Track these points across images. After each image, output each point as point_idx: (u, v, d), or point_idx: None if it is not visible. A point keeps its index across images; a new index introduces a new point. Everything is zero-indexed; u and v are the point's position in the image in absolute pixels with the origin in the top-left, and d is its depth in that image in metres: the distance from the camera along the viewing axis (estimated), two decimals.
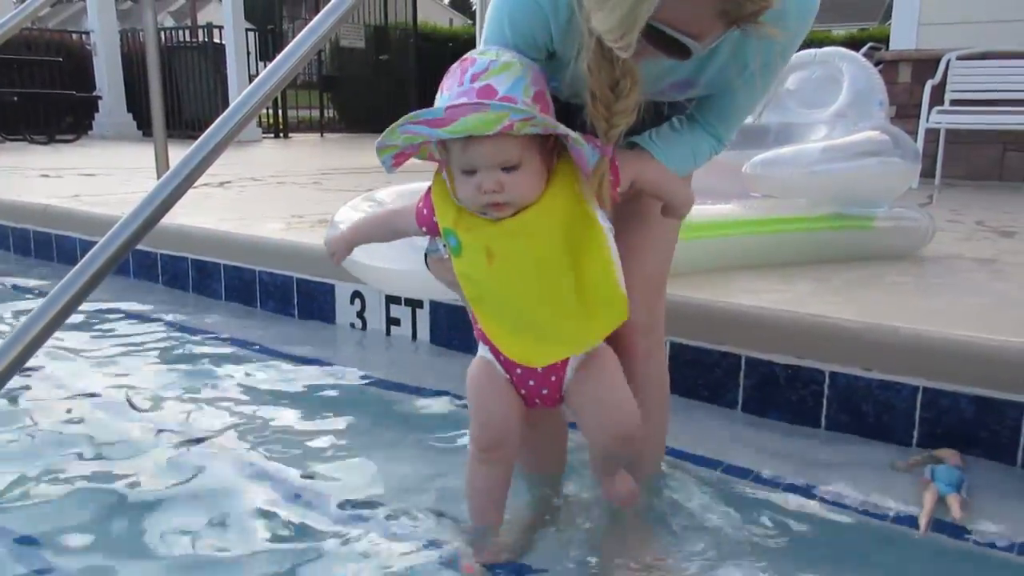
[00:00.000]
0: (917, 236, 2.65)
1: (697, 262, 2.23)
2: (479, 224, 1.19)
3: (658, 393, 1.50)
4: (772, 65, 1.24)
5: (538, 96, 1.15)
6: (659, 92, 1.27)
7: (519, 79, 1.13)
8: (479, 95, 1.11)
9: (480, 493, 1.35)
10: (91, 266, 1.55)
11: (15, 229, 3.95)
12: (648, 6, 0.95)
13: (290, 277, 2.80)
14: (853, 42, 8.57)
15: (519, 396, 1.30)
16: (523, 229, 1.17)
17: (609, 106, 1.14)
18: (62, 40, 11.41)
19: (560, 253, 1.19)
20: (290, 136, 11.27)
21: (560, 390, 1.28)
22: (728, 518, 1.47)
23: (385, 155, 1.21)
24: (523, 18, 1.17)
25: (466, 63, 1.16)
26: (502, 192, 1.14)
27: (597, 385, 1.27)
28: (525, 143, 1.13)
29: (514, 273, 1.20)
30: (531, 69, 1.17)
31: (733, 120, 1.35)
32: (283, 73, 1.88)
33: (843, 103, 2.87)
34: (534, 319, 1.22)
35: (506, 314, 1.23)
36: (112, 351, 2.42)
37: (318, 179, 5.25)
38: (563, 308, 1.21)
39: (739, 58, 1.19)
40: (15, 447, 1.75)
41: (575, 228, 1.19)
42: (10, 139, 9.31)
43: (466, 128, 1.09)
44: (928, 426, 1.73)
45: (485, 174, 1.13)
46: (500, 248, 1.18)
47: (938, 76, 5.12)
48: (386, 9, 12.31)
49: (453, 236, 1.22)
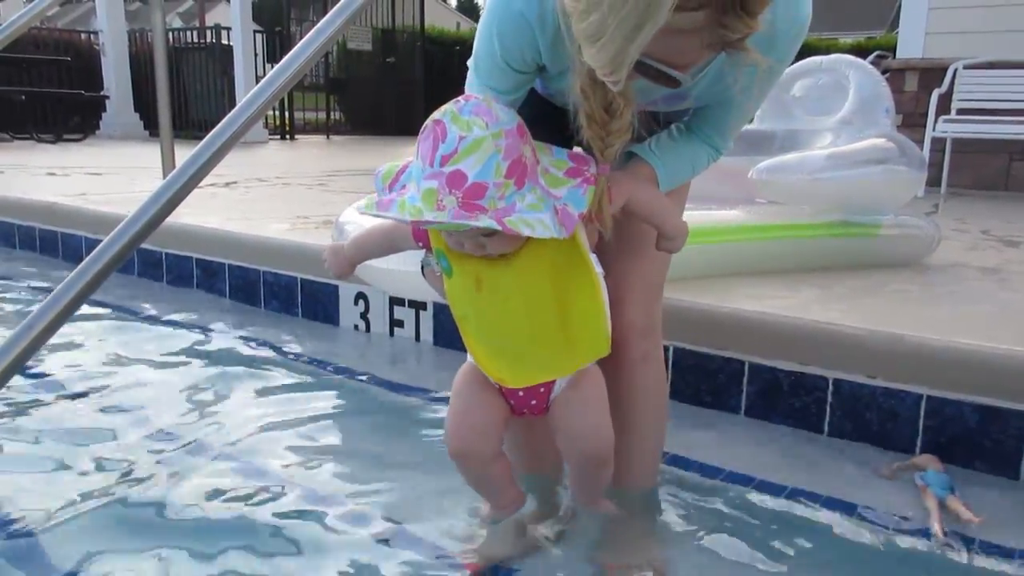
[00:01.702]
0: (922, 244, 2.65)
1: (701, 267, 2.23)
2: (469, 257, 1.20)
3: (655, 397, 1.49)
4: (762, 80, 1.24)
5: (512, 167, 1.09)
6: (652, 103, 1.28)
7: (490, 158, 1.07)
8: (448, 182, 1.07)
9: (476, 484, 1.37)
10: (96, 263, 1.55)
11: (21, 226, 3.96)
12: (637, 46, 0.95)
13: (294, 278, 2.81)
14: (860, 50, 8.57)
15: (506, 404, 1.30)
16: (512, 266, 1.19)
17: (604, 126, 1.14)
18: (71, 39, 11.45)
19: (548, 291, 1.20)
20: (296, 138, 11.29)
21: (547, 402, 1.29)
22: (728, 524, 1.47)
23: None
24: (511, 33, 1.18)
25: (438, 131, 1.09)
26: (485, 248, 1.16)
27: (577, 406, 1.28)
28: None
29: (500, 305, 1.21)
30: (504, 138, 1.10)
31: (728, 131, 1.35)
32: (290, 74, 1.89)
33: (849, 110, 2.87)
34: (515, 347, 1.24)
35: (487, 337, 1.26)
36: (114, 349, 2.42)
37: (323, 180, 5.26)
38: (546, 341, 1.23)
39: (727, 75, 1.20)
40: (16, 444, 1.75)
41: (565, 267, 1.20)
42: (17, 138, 9.35)
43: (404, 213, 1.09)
44: (932, 435, 1.73)
45: (466, 244, 1.16)
46: (488, 280, 1.20)
47: (945, 85, 5.12)
48: (394, 12, 12.35)
49: (444, 259, 1.23)
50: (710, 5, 0.93)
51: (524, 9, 1.14)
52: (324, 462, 1.71)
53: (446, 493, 1.52)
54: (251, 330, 2.62)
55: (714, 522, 1.47)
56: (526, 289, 1.20)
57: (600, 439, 1.29)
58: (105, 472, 1.63)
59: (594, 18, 0.95)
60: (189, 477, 1.61)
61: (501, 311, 1.22)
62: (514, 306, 1.21)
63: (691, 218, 1.51)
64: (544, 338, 1.23)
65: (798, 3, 1.16)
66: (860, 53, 5.18)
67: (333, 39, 2.00)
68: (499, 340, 1.25)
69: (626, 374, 1.40)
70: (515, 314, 1.21)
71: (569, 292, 1.21)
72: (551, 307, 1.21)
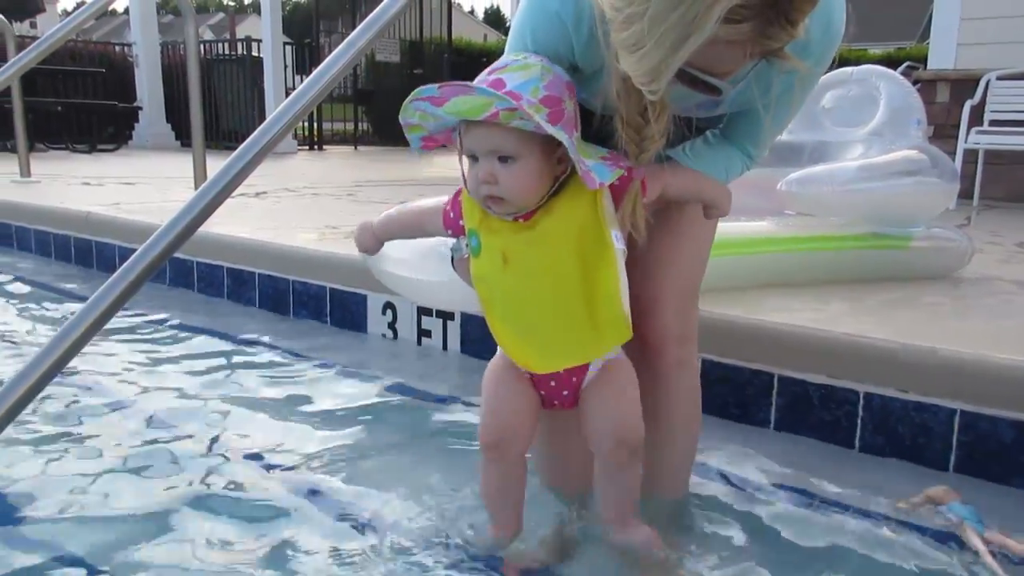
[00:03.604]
0: (955, 257, 2.61)
1: (730, 279, 2.21)
2: (500, 229, 1.22)
3: (689, 405, 1.48)
4: (798, 88, 1.23)
5: (549, 100, 1.14)
6: (686, 110, 1.28)
7: (532, 79, 1.14)
8: (487, 85, 1.13)
9: (492, 495, 1.36)
10: (131, 272, 1.58)
11: (57, 235, 4.03)
12: (679, 59, 0.95)
13: (323, 287, 2.83)
14: (890, 61, 8.50)
15: (537, 395, 1.30)
16: (539, 238, 1.20)
17: (639, 130, 1.15)
18: (105, 52, 11.66)
19: (573, 265, 1.20)
20: (324, 148, 11.40)
21: (578, 393, 1.28)
22: (757, 537, 1.46)
23: (412, 135, 1.24)
24: (544, 32, 1.19)
25: (497, 61, 1.20)
26: (495, 184, 1.16)
27: (609, 394, 1.27)
28: (523, 138, 1.15)
29: (526, 279, 1.21)
30: (553, 74, 1.17)
31: (763, 139, 1.35)
32: (320, 87, 1.90)
33: (880, 122, 2.84)
34: (541, 326, 1.24)
35: (514, 318, 1.25)
36: (146, 356, 2.46)
37: (352, 191, 5.30)
38: (571, 319, 1.22)
39: (762, 81, 1.19)
40: (50, 449, 1.78)
41: (590, 243, 1.20)
42: (53, 148, 9.52)
43: (457, 110, 1.13)
44: (966, 450, 1.70)
45: (482, 162, 1.17)
46: (515, 254, 1.21)
47: (977, 96, 5.06)
48: (421, 24, 12.43)
49: (476, 237, 1.25)
50: (756, 17, 0.93)
51: (560, 9, 1.15)
52: (348, 467, 1.72)
53: (470, 501, 1.52)
54: (280, 338, 2.64)
55: (742, 535, 1.46)
56: (552, 265, 1.20)
57: (629, 427, 1.27)
58: (134, 477, 1.65)
59: (635, 29, 0.95)
60: (214, 481, 1.63)
61: (527, 288, 1.22)
62: (540, 283, 1.21)
63: (720, 230, 1.51)
64: (569, 317, 1.22)
65: (830, 9, 1.15)
66: (890, 64, 5.13)
67: (362, 52, 2.02)
68: (525, 321, 1.24)
69: (662, 380, 1.40)
70: (541, 291, 1.21)
71: (595, 270, 1.20)
72: (577, 285, 1.20)
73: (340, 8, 13.11)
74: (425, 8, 12.23)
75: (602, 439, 1.30)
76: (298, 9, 42.36)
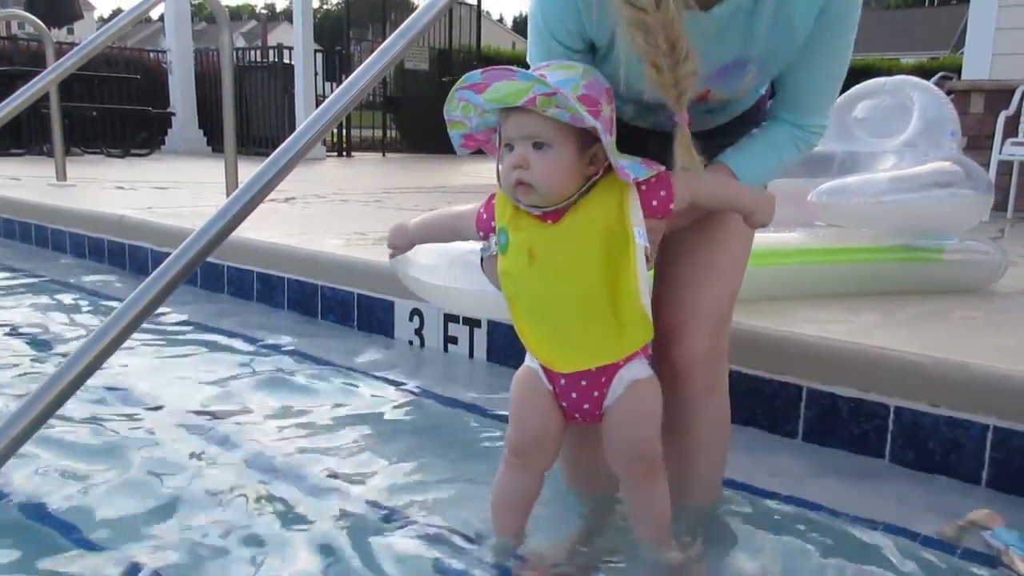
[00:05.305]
0: (988, 270, 2.58)
1: (760, 290, 2.20)
2: (528, 225, 1.23)
3: (717, 430, 1.46)
4: (829, 32, 1.22)
5: (586, 98, 1.16)
6: (715, 80, 1.27)
7: (573, 78, 1.17)
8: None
9: (504, 499, 1.36)
10: (165, 275, 1.60)
11: (91, 238, 4.10)
12: None
13: (351, 293, 2.85)
14: (923, 71, 8.40)
15: (559, 408, 1.29)
16: (565, 234, 1.20)
17: (673, 69, 1.13)
18: (140, 58, 11.86)
19: (598, 262, 1.20)
20: (353, 155, 11.49)
21: (600, 407, 1.27)
22: (786, 550, 1.44)
23: (455, 131, 1.27)
24: (553, 8, 1.24)
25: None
26: (527, 168, 1.17)
27: (630, 415, 1.26)
28: (559, 128, 1.16)
29: (551, 275, 1.22)
30: (594, 76, 1.21)
31: (808, 102, 1.32)
32: (353, 93, 1.92)
33: (913, 132, 2.82)
34: (565, 323, 1.23)
35: (538, 315, 1.25)
36: (177, 358, 2.49)
37: (380, 197, 5.34)
38: (595, 317, 1.22)
39: (782, 20, 1.19)
40: (83, 448, 1.81)
41: (616, 241, 1.20)
42: (88, 152, 9.69)
43: (497, 95, 1.15)
44: (998, 467, 1.68)
45: (516, 148, 1.18)
46: (541, 250, 1.21)
47: (1012, 107, 4.99)
48: (450, 32, 12.51)
49: (504, 234, 1.26)
50: None
51: None
52: (372, 472, 1.73)
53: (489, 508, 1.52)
54: (308, 343, 2.67)
55: (769, 547, 1.45)
56: (578, 261, 1.20)
57: (644, 449, 1.27)
58: (162, 477, 1.67)
59: None
60: (242, 482, 1.65)
61: (552, 284, 1.22)
62: (565, 279, 1.21)
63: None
64: (593, 314, 1.21)
65: None
66: (923, 74, 5.08)
67: (395, 61, 2.04)
68: (549, 318, 1.24)
69: (689, 405, 1.38)
70: (566, 287, 1.21)
71: (619, 268, 1.20)
72: (601, 282, 1.20)
73: (371, 16, 13.24)
74: (454, 16, 12.31)
75: (616, 456, 1.30)
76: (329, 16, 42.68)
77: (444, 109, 1.23)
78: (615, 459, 1.31)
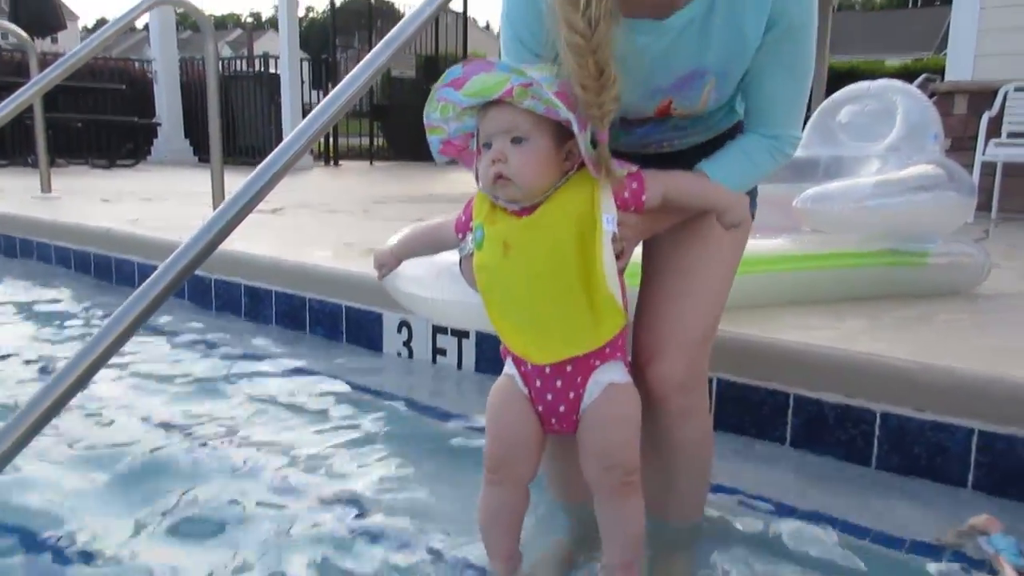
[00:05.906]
0: (973, 272, 2.60)
1: (745, 297, 2.20)
2: (503, 219, 1.24)
3: (694, 454, 1.44)
4: (788, 41, 1.24)
5: (561, 95, 1.17)
6: (675, 91, 1.28)
7: (550, 77, 1.18)
8: None
9: (489, 519, 1.33)
10: (152, 289, 1.59)
11: (76, 251, 4.08)
12: None
13: (339, 305, 2.85)
14: (907, 73, 8.47)
15: (536, 415, 1.28)
16: (538, 222, 1.21)
17: (599, 92, 1.15)
18: (125, 68, 11.82)
19: (572, 250, 1.20)
20: (340, 163, 11.47)
21: (577, 411, 1.26)
22: (773, 556, 1.45)
23: (433, 137, 1.29)
24: (516, 10, 1.28)
25: None
26: (506, 162, 1.18)
27: (605, 417, 1.25)
28: (536, 121, 1.18)
29: (525, 264, 1.21)
30: (564, 85, 1.21)
31: (773, 112, 1.33)
32: (340, 104, 1.92)
33: (897, 136, 2.84)
34: (539, 313, 1.23)
35: (513, 306, 1.25)
36: (163, 372, 2.48)
37: (368, 207, 5.33)
38: (569, 305, 1.21)
39: (734, 28, 1.21)
40: (68, 462, 1.80)
41: (587, 229, 1.20)
42: (73, 163, 9.64)
43: (475, 89, 1.18)
44: (984, 470, 1.69)
45: (495, 144, 1.19)
46: (516, 240, 1.22)
47: (995, 108, 5.04)
48: (437, 39, 12.52)
49: (480, 230, 1.27)
50: None
51: None
52: (361, 486, 1.72)
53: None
54: (296, 355, 2.66)
55: (756, 551, 1.46)
56: (551, 249, 1.20)
57: (620, 455, 1.25)
58: (147, 491, 1.66)
59: None
60: (229, 497, 1.64)
61: (527, 274, 1.21)
62: (539, 267, 1.21)
63: None
64: (567, 303, 1.21)
65: None
66: (907, 75, 5.13)
67: (381, 70, 2.04)
68: (525, 308, 1.24)
69: (663, 429, 1.37)
70: (540, 276, 1.21)
71: (591, 254, 1.20)
72: (575, 270, 1.20)
73: (357, 23, 13.24)
74: (441, 23, 12.32)
75: (591, 462, 1.26)
76: (315, 24, 42.63)
77: (424, 113, 1.25)
78: (589, 465, 1.27)
